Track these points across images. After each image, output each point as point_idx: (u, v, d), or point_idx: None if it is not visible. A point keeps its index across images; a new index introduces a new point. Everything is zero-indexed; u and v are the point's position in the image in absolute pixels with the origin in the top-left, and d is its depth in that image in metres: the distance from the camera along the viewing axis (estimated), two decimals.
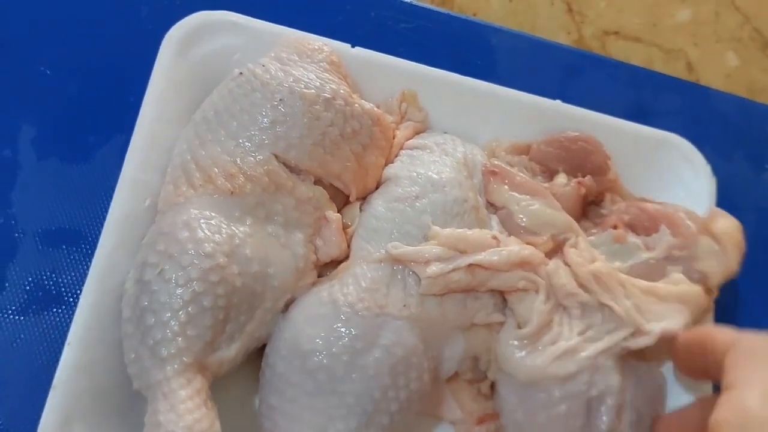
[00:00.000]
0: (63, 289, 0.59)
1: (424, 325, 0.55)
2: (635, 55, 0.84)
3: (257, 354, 0.56)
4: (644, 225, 0.63)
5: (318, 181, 0.58)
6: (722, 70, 0.87)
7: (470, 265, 0.55)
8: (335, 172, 0.57)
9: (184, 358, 0.50)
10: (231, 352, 0.52)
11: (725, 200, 0.70)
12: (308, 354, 0.52)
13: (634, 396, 0.57)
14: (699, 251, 0.60)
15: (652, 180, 0.69)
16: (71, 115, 0.65)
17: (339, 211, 0.59)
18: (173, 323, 0.49)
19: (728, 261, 0.61)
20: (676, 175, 0.69)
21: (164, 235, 0.52)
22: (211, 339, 0.51)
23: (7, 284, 0.59)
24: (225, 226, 0.53)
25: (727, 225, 0.62)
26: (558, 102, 0.67)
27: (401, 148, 0.63)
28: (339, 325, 0.53)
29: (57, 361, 0.51)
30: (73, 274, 0.60)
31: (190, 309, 0.50)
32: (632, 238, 0.62)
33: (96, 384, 0.52)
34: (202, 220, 0.52)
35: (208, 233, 0.52)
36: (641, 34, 0.88)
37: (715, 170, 0.68)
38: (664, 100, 0.77)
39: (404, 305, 0.54)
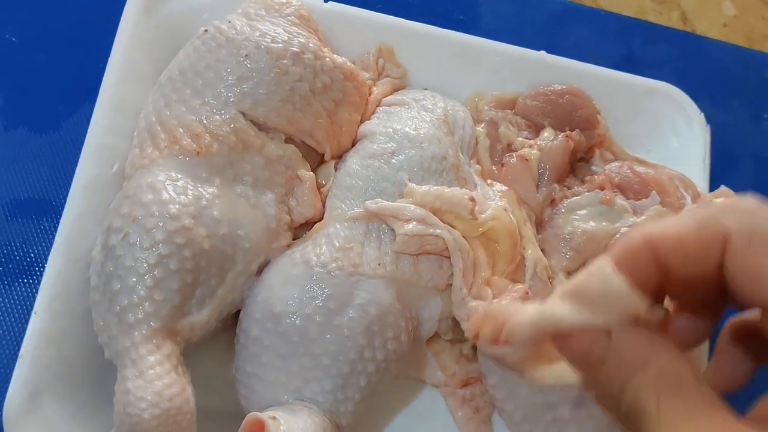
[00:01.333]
0: (33, 260, 0.58)
1: (399, 284, 0.53)
2: (626, 6, 0.81)
3: (234, 320, 0.55)
4: (634, 188, 0.61)
5: (289, 140, 0.56)
6: (719, 19, 0.83)
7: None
8: (306, 129, 0.55)
9: (152, 323, 0.48)
10: (202, 316, 0.51)
11: (723, 151, 0.68)
12: (281, 316, 0.51)
13: None
14: None
15: (643, 131, 0.67)
16: (39, 83, 0.63)
17: (313, 171, 0.57)
18: (139, 287, 0.48)
19: None
20: (669, 125, 0.66)
21: (128, 198, 0.51)
22: (180, 303, 0.49)
23: None
24: (191, 188, 0.51)
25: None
26: (543, 53, 0.65)
27: (378, 105, 0.61)
28: (312, 285, 0.51)
29: (20, 339, 0.50)
30: (42, 244, 0.59)
31: (156, 272, 0.48)
32: (620, 201, 0.60)
33: (65, 353, 0.51)
34: (167, 182, 0.51)
35: (174, 195, 0.50)
36: None
37: (712, 121, 0.65)
38: (656, 51, 0.75)
39: (379, 264, 0.52)
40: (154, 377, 0.47)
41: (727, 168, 0.71)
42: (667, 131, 0.66)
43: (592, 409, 0.52)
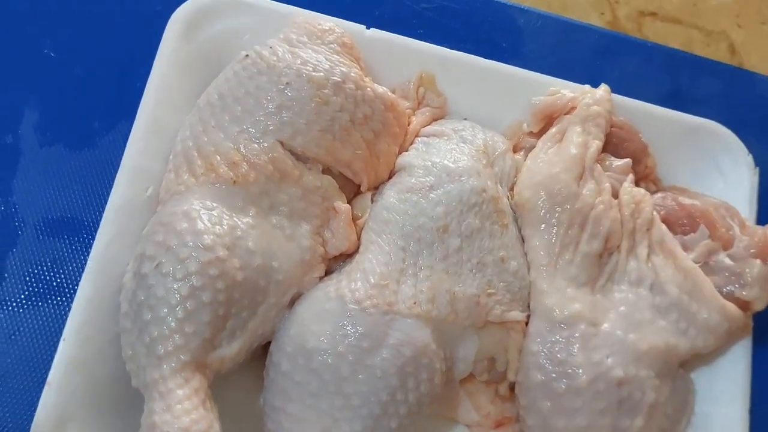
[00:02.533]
0: (64, 281, 0.58)
1: (435, 323, 0.52)
2: (674, 38, 0.79)
3: (263, 352, 0.54)
4: (681, 222, 0.60)
5: (327, 170, 0.55)
6: None
7: None
8: (345, 160, 0.54)
9: (182, 356, 0.47)
10: (232, 349, 0.50)
11: None
12: (313, 352, 0.50)
13: (667, 399, 0.54)
14: (748, 277, 0.57)
15: (688, 171, 0.65)
16: (75, 100, 0.63)
17: (349, 202, 0.56)
18: (170, 319, 0.47)
19: None
20: (715, 166, 0.65)
21: (163, 225, 0.50)
22: (211, 336, 0.48)
23: (6, 275, 0.57)
24: (227, 217, 0.50)
25: None
26: (587, 87, 0.63)
27: (417, 136, 0.60)
28: (345, 322, 0.50)
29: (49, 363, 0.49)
30: (74, 264, 0.58)
31: (188, 305, 0.47)
32: None
33: (92, 380, 0.51)
34: (202, 211, 0.50)
35: (209, 224, 0.49)
36: (680, 15, 0.82)
37: (759, 160, 0.63)
38: (703, 85, 0.72)
39: (414, 302, 0.51)
40: (182, 413, 0.46)
41: None
42: (713, 172, 0.64)
43: None
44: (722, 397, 0.57)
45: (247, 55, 0.55)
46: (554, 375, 0.52)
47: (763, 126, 0.70)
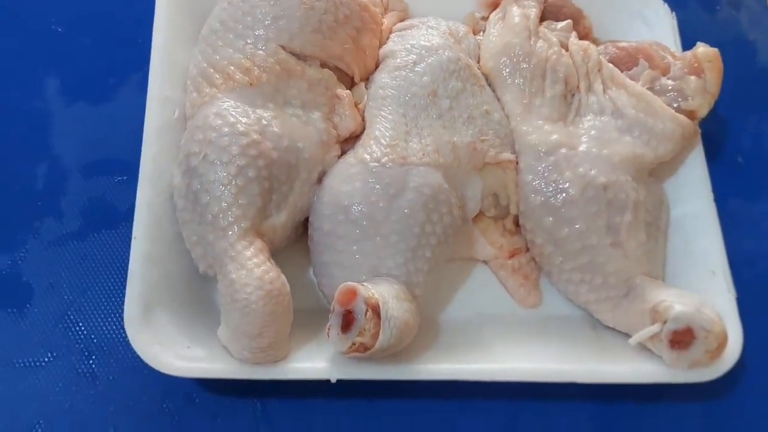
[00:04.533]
0: (113, 210, 0.65)
1: (443, 169, 0.61)
2: None
3: (303, 231, 0.62)
4: (623, 61, 0.70)
5: (324, 65, 0.63)
6: None
7: None
8: (337, 54, 0.63)
9: (242, 224, 0.55)
10: (281, 218, 0.58)
11: (684, 42, 0.77)
12: (349, 207, 0.58)
13: (645, 198, 0.63)
14: (688, 91, 0.67)
15: (617, 29, 0.75)
16: (88, 64, 0.71)
17: None
18: (227, 194, 0.55)
19: (713, 91, 0.67)
20: (639, 19, 0.75)
21: (199, 127, 0.58)
22: (262, 205, 0.56)
23: (63, 215, 0.64)
24: (251, 111, 0.59)
25: (709, 52, 0.68)
26: None
27: (390, 32, 0.69)
28: (371, 178, 0.59)
29: (124, 274, 0.56)
30: (119, 195, 0.66)
31: (238, 181, 0.55)
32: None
33: (167, 272, 0.58)
34: (230, 109, 0.58)
35: (239, 117, 0.57)
36: None
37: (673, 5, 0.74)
38: None
39: (423, 154, 0.60)
40: (254, 266, 0.54)
41: None
42: (638, 24, 0.75)
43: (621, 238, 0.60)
44: (689, 196, 0.66)
45: None
46: (549, 194, 0.61)
47: None
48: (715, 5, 0.85)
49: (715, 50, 0.67)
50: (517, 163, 0.64)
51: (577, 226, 0.61)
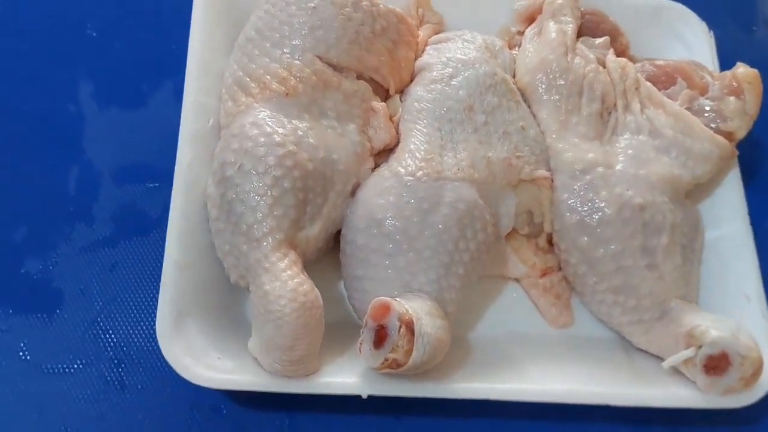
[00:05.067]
0: (145, 216, 0.65)
1: (477, 184, 0.60)
2: None
3: (335, 244, 0.61)
4: (661, 80, 0.69)
5: (359, 77, 0.63)
6: None
7: None
8: (373, 66, 0.63)
9: (277, 236, 0.55)
10: (315, 230, 0.58)
11: (724, 62, 0.76)
12: (383, 221, 0.57)
13: (682, 220, 0.62)
14: (727, 112, 0.66)
15: (654, 47, 0.74)
16: (122, 69, 0.71)
17: None
18: (262, 205, 0.55)
19: (752, 113, 0.67)
20: (677, 39, 0.75)
21: (235, 136, 0.58)
22: (297, 217, 0.56)
23: (95, 220, 0.64)
24: (287, 122, 0.58)
25: (749, 73, 0.67)
26: None
27: (426, 45, 0.69)
28: (405, 192, 0.58)
29: (154, 282, 0.56)
30: (151, 202, 0.65)
31: (273, 192, 0.55)
32: None
33: (198, 281, 0.58)
34: (267, 119, 0.58)
35: (275, 127, 0.57)
36: None
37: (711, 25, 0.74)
38: None
39: (458, 169, 0.60)
40: (288, 278, 0.53)
41: None
42: (675, 43, 0.74)
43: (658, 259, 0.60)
44: (724, 219, 0.66)
45: None
46: (585, 213, 0.61)
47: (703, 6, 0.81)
48: (752, 25, 0.84)
49: (755, 71, 0.67)
50: (552, 180, 0.64)
51: (612, 247, 0.60)
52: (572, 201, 0.62)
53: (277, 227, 0.55)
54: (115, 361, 0.59)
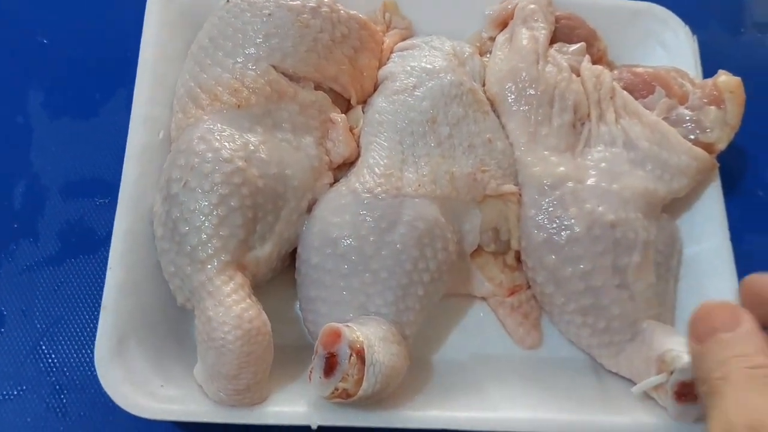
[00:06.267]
0: (92, 234, 0.62)
1: (440, 201, 0.57)
2: None
3: (291, 262, 0.58)
4: (639, 88, 0.66)
5: (318, 87, 0.60)
6: None
7: None
8: (332, 75, 0.60)
9: (222, 257, 0.52)
10: (265, 251, 0.55)
11: (707, 66, 0.73)
12: (338, 240, 0.55)
13: (657, 237, 0.59)
14: (707, 123, 0.63)
15: (633, 51, 0.71)
16: (74, 78, 0.68)
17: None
18: (207, 225, 0.52)
19: (733, 124, 0.63)
20: (657, 42, 0.71)
21: (182, 151, 0.55)
22: (245, 237, 0.53)
23: (40, 237, 0.62)
24: (238, 136, 0.55)
25: (731, 81, 0.63)
26: None
27: (392, 52, 0.66)
28: (362, 210, 0.55)
29: (98, 305, 0.53)
30: (99, 218, 0.63)
31: (219, 211, 0.52)
32: None
33: (143, 303, 0.55)
34: (215, 133, 0.55)
35: (224, 142, 0.54)
36: None
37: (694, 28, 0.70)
38: None
39: (419, 185, 0.57)
40: (232, 303, 0.50)
41: None
42: (656, 47, 0.71)
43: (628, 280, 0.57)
44: (704, 234, 0.63)
45: (228, 0, 0.60)
46: (553, 230, 0.58)
47: (688, 7, 0.77)
48: (740, 27, 0.81)
49: (737, 79, 0.63)
50: (519, 195, 0.61)
51: (581, 266, 0.57)
52: (540, 218, 0.59)
53: (222, 248, 0.52)
54: (57, 387, 0.57)
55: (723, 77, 0.63)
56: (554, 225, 0.58)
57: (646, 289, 0.58)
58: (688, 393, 0.52)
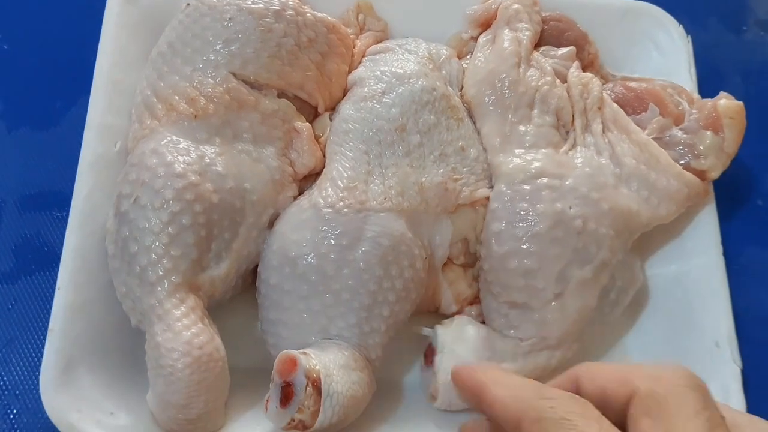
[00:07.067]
0: (49, 249, 0.59)
1: (408, 214, 0.54)
2: None
3: (253, 280, 0.55)
4: (631, 104, 0.62)
5: (282, 95, 0.57)
6: None
7: None
8: (296, 82, 0.57)
9: (173, 278, 0.49)
10: (221, 270, 0.52)
11: (707, 67, 0.69)
12: (297, 259, 0.51)
13: (617, 264, 0.57)
14: (702, 148, 0.59)
15: (626, 52, 0.67)
16: (35, 85, 0.65)
17: (310, 124, 0.58)
18: (156, 245, 0.49)
19: (730, 152, 0.59)
20: (651, 42, 0.67)
21: (134, 165, 0.52)
22: (198, 257, 0.50)
23: None
24: (193, 149, 0.52)
25: (731, 107, 0.59)
26: None
27: (364, 56, 0.62)
28: (322, 226, 0.52)
29: None
30: (57, 233, 0.60)
31: (170, 229, 0.49)
32: None
33: (93, 325, 0.52)
34: (169, 146, 0.52)
35: (177, 156, 0.51)
36: None
37: (694, 40, 0.66)
38: None
39: (385, 198, 0.53)
40: (182, 328, 0.48)
41: (716, 83, 0.71)
42: (650, 48, 0.67)
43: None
44: (694, 251, 0.59)
45: (188, 4, 0.57)
46: (512, 222, 0.54)
47: (689, 6, 0.73)
48: (742, 26, 0.76)
49: (739, 104, 0.59)
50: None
51: (527, 262, 0.54)
52: (502, 208, 0.55)
53: (173, 269, 0.49)
54: (7, 409, 0.54)
55: (724, 101, 0.59)
56: (516, 217, 0.54)
57: (580, 309, 0.54)
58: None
